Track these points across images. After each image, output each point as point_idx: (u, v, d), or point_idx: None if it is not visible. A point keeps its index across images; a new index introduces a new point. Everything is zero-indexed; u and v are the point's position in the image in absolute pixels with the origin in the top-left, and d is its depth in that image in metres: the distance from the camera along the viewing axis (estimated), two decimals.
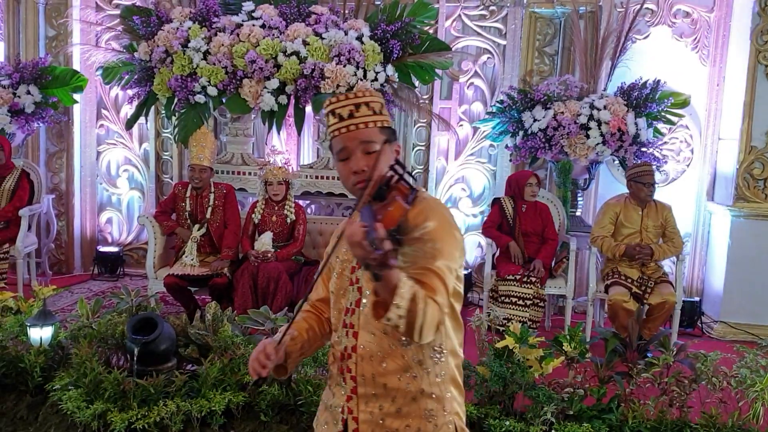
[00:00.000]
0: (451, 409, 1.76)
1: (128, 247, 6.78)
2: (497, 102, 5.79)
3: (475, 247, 6.30)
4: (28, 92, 6.01)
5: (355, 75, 5.22)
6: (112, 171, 6.78)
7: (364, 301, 1.74)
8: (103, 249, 6.62)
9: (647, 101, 5.38)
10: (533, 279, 4.98)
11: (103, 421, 3.17)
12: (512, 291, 4.97)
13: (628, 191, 5.08)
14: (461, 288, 1.76)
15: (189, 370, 3.47)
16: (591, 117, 5.30)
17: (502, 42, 6.07)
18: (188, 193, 5.07)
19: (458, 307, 1.77)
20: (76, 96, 6.32)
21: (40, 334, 3.63)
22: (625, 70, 5.71)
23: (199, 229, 5.00)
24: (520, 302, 4.93)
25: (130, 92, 5.88)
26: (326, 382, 1.90)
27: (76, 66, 6.43)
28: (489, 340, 3.72)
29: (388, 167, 1.68)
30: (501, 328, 3.95)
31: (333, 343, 1.84)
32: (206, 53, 5.34)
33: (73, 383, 3.38)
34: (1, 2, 6.55)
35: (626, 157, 5.38)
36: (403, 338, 1.66)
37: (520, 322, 4.22)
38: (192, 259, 4.94)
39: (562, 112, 5.32)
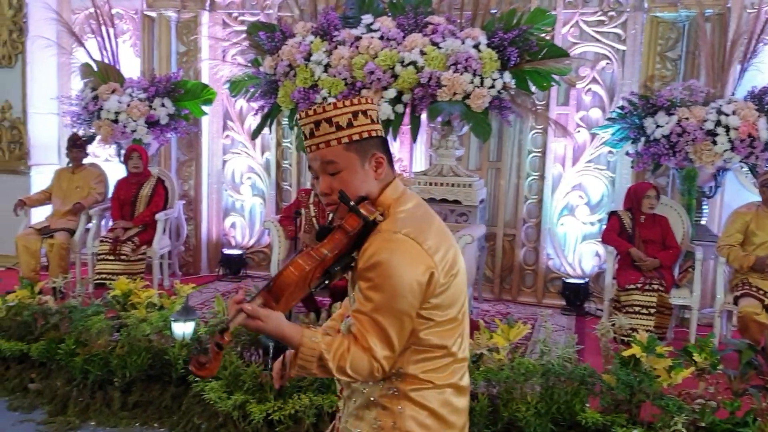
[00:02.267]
0: (403, 427, 1.68)
1: (250, 250, 7.11)
2: (617, 108, 5.68)
3: (592, 256, 6.18)
4: (163, 105, 6.42)
5: (472, 83, 5.28)
6: (236, 179, 7.14)
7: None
8: (227, 251, 6.98)
9: None
10: (655, 286, 4.86)
11: (242, 412, 3.38)
12: (635, 300, 4.85)
13: (760, 198, 4.87)
14: (442, 315, 1.66)
15: None
16: (718, 123, 5.11)
17: (622, 47, 5.96)
18: (311, 200, 5.28)
19: (441, 334, 1.67)
20: (205, 108, 6.71)
21: (183, 329, 3.90)
22: (756, 74, 5.45)
23: None
24: (644, 311, 4.80)
25: (254, 105, 6.20)
26: None
27: (205, 80, 6.82)
28: (615, 349, 3.68)
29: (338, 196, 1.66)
30: (625, 338, 3.90)
31: None
32: (327, 66, 5.55)
33: (214, 375, 3.61)
34: (137, 22, 7.07)
35: (757, 164, 5.15)
36: None
37: (646, 331, 4.12)
38: None
39: (687, 118, 5.16)
